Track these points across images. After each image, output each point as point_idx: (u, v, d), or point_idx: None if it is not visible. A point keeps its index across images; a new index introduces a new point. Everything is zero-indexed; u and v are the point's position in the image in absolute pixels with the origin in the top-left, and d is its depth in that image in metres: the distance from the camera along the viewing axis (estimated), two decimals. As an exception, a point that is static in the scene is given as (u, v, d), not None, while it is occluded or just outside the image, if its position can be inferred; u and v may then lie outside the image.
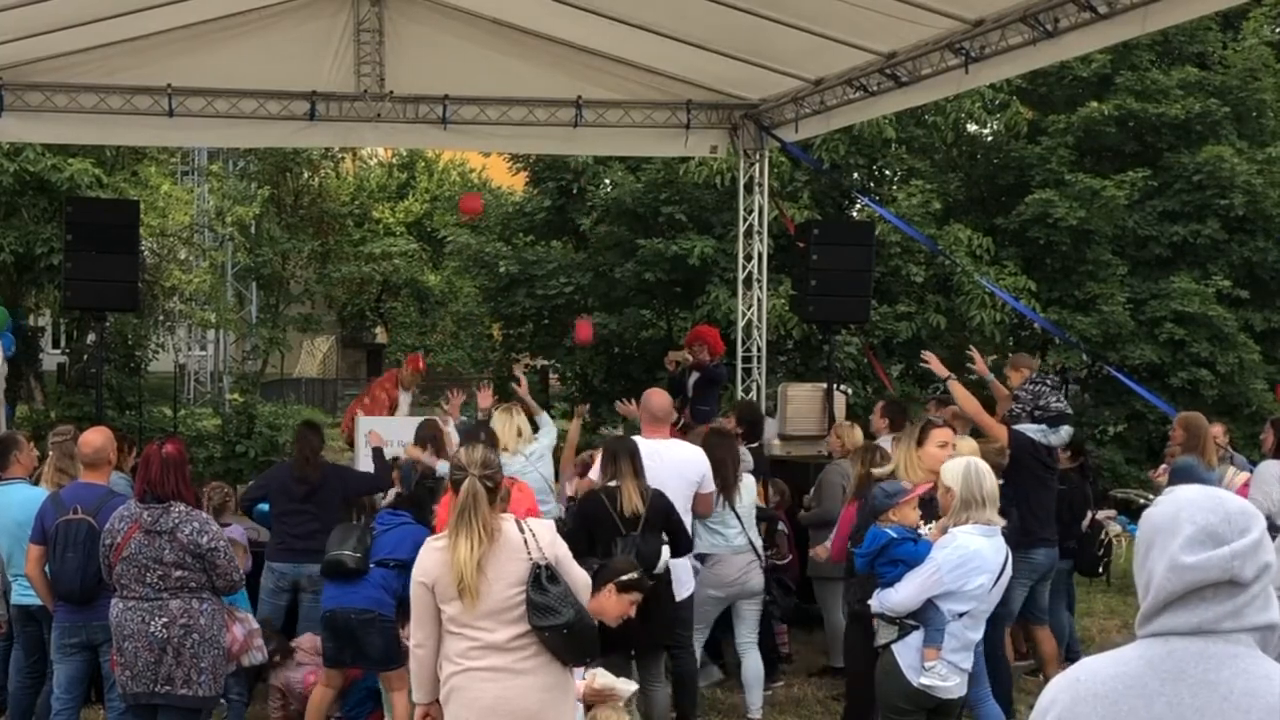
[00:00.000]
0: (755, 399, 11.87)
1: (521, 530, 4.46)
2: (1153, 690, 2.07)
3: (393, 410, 11.05)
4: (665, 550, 6.47)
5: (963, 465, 5.45)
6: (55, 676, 6.46)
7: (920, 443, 6.37)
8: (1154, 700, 2.06)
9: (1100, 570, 8.98)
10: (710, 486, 7.15)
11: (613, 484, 6.53)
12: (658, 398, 7.38)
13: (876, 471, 6.68)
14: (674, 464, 6.93)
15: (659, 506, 6.52)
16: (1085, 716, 2.11)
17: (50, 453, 7.07)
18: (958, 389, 7.89)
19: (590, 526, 6.42)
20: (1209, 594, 2.07)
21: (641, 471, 6.57)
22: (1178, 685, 2.06)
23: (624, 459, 6.57)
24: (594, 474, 7.15)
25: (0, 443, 7.31)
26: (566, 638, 4.38)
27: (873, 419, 8.93)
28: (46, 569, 6.31)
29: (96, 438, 6.54)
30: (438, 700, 4.55)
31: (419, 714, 4.67)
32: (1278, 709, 2.01)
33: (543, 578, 4.36)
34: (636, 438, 7.09)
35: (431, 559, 4.47)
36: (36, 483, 7.05)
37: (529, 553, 4.40)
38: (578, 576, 4.58)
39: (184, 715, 5.77)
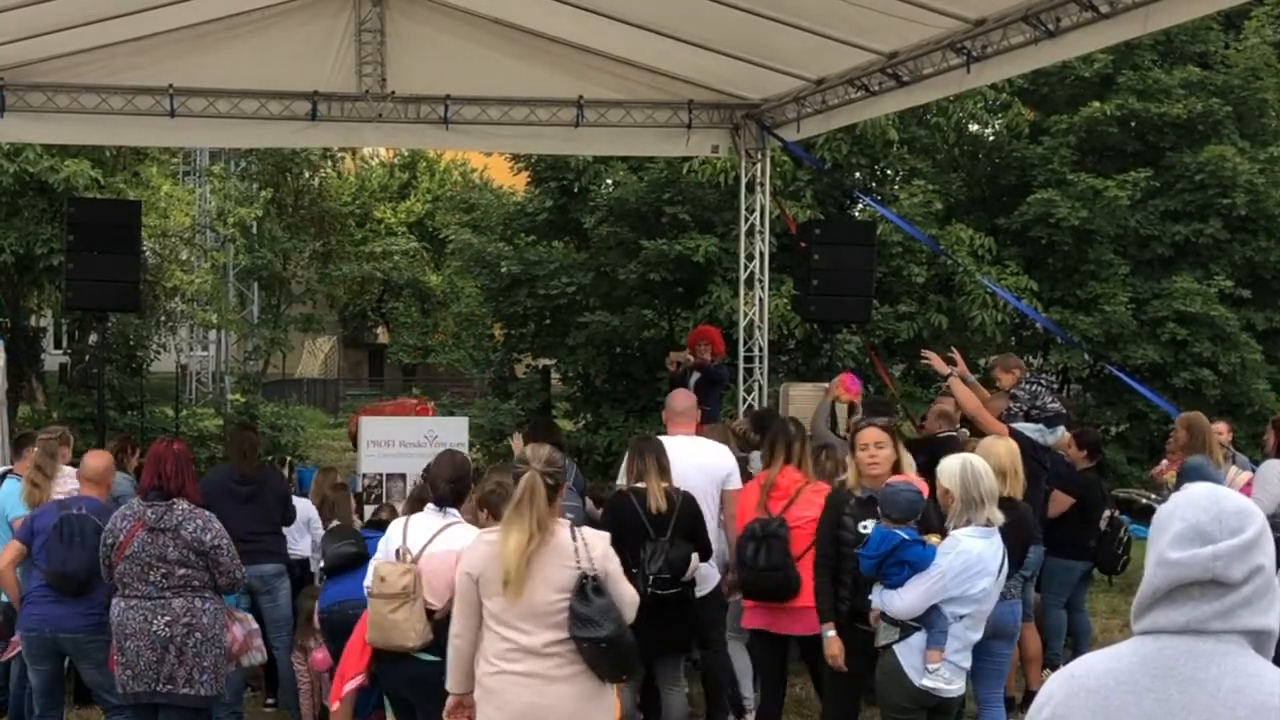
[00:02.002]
0: (757, 399, 11.87)
1: (574, 538, 4.44)
2: (1143, 687, 2.08)
3: None
4: (695, 557, 6.40)
5: (959, 465, 5.42)
6: (31, 683, 6.46)
7: (852, 447, 6.05)
8: (1143, 697, 2.07)
9: (1120, 568, 8.99)
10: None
11: (640, 484, 6.47)
12: (680, 396, 7.48)
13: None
14: (696, 461, 6.86)
15: (690, 511, 6.43)
16: (1077, 710, 2.13)
17: (35, 447, 7.07)
18: (959, 387, 7.86)
19: (619, 527, 6.24)
20: (1196, 592, 2.08)
21: (668, 471, 6.51)
22: (1166, 682, 2.06)
23: (649, 458, 6.51)
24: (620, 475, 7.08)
25: (24, 436, 7.45)
26: (605, 652, 4.37)
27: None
28: (19, 571, 6.36)
29: (99, 462, 6.60)
30: (470, 692, 4.55)
31: (451, 703, 4.67)
32: (1265, 706, 2.01)
33: (588, 588, 4.35)
34: (662, 436, 7.08)
35: (480, 551, 4.47)
36: None
37: (578, 561, 4.39)
38: (626, 593, 4.55)
39: (185, 715, 5.78)
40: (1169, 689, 2.06)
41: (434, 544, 5.46)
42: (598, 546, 4.49)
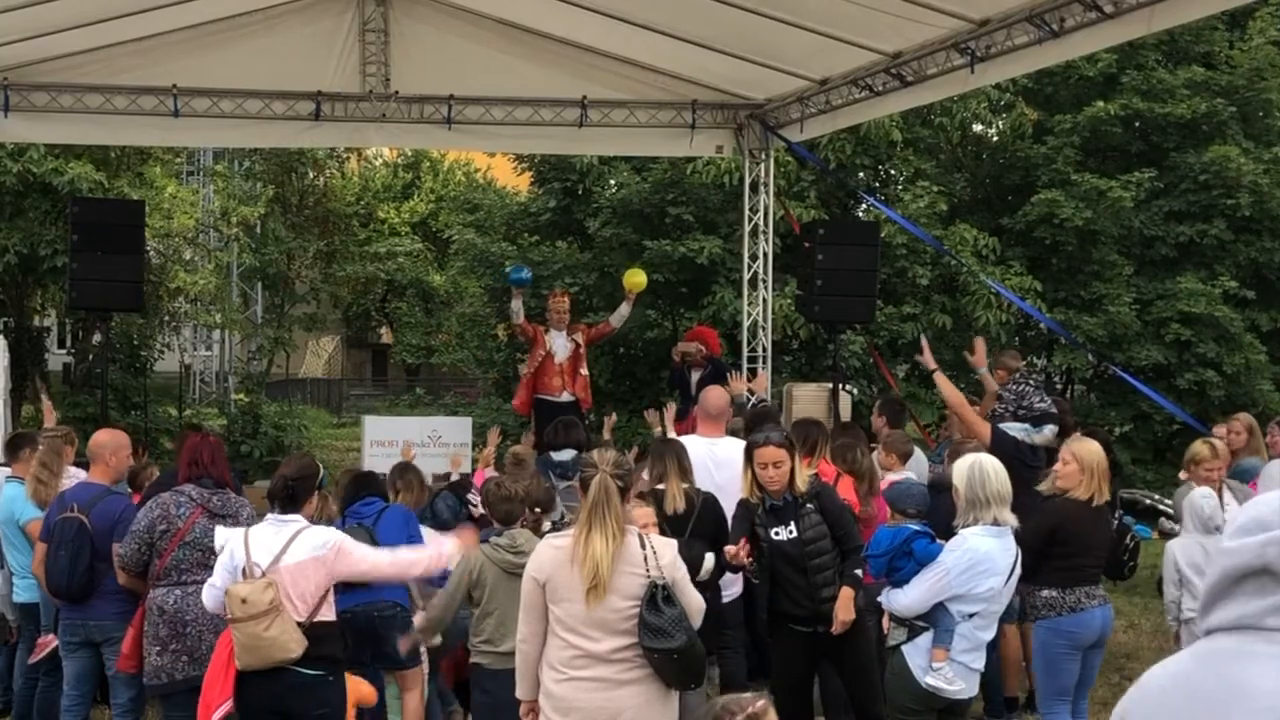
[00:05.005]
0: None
1: (643, 545, 4.40)
2: (1193, 686, 2.06)
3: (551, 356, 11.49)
4: (709, 558, 6.22)
5: (967, 464, 5.43)
6: (64, 673, 6.49)
7: (749, 460, 5.96)
8: (1192, 697, 2.06)
9: (1126, 574, 8.96)
10: None
11: (660, 486, 6.36)
12: (714, 395, 7.29)
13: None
14: (733, 462, 6.63)
15: (712, 514, 6.29)
16: (1135, 714, 2.12)
17: (40, 445, 7.06)
18: (943, 382, 7.94)
19: None
20: (1250, 586, 2.04)
21: (689, 472, 6.40)
22: (1208, 680, 2.04)
23: (670, 459, 6.40)
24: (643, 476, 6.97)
25: (17, 437, 7.42)
26: (676, 662, 4.33)
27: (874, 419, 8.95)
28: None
29: (104, 436, 6.59)
30: (537, 700, 4.52)
31: (523, 710, 4.63)
32: None
33: (659, 598, 4.31)
34: (692, 437, 7.01)
35: (548, 556, 4.42)
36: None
37: (647, 570, 4.34)
38: (693, 600, 4.50)
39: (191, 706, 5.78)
40: (1212, 688, 2.05)
41: (288, 554, 5.18)
42: (666, 554, 4.42)
